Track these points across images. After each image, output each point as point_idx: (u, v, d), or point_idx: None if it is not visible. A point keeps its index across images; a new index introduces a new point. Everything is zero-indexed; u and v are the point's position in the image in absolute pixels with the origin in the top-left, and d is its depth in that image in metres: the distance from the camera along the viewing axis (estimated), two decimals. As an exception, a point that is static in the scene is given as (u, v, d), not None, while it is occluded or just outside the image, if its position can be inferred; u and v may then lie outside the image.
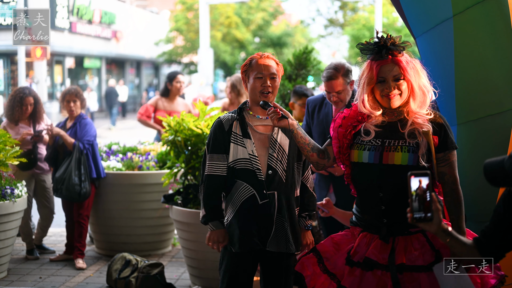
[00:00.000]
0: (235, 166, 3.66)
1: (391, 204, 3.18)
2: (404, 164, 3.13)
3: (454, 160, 3.19)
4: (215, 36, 34.27)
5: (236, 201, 3.67)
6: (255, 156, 3.64)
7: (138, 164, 6.86)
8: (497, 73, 3.70)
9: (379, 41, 3.18)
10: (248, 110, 3.76)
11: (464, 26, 3.71)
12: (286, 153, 3.69)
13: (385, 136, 3.21)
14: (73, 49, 30.64)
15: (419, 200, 2.66)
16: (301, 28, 42.81)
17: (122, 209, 6.77)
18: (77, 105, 6.51)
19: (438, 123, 3.19)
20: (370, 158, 3.20)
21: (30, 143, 6.57)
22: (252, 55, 3.79)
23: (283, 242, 3.67)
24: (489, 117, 3.70)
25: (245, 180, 3.64)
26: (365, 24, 36.89)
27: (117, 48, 35.60)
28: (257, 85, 3.66)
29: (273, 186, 3.64)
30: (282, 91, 7.26)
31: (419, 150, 3.13)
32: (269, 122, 3.70)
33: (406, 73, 3.17)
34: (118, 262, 5.78)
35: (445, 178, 3.17)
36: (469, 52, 3.75)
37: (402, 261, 3.11)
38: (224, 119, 3.73)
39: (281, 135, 3.70)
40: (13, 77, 26.08)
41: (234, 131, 3.69)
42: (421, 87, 3.18)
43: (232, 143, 3.67)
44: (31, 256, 6.70)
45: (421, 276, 3.07)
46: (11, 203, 5.83)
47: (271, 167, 3.64)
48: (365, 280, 3.16)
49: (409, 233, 3.17)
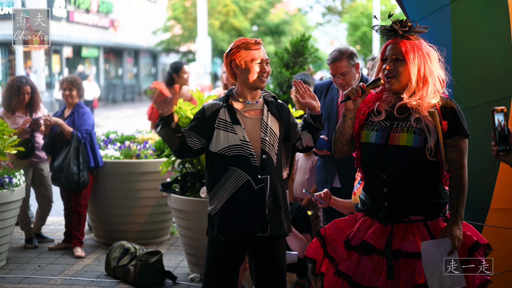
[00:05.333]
0: (227, 153, 3.63)
1: (393, 187, 3.19)
2: (409, 145, 3.14)
3: (463, 147, 3.18)
4: (213, 24, 34.14)
5: (229, 188, 3.64)
6: (247, 141, 3.62)
7: (136, 153, 6.86)
8: (494, 60, 3.70)
9: (394, 23, 3.23)
10: (237, 97, 3.73)
11: (462, 12, 3.71)
12: (277, 136, 3.68)
13: (395, 118, 3.23)
14: (71, 38, 30.55)
15: (499, 135, 2.74)
16: (299, 16, 42.66)
17: (120, 198, 6.77)
18: (73, 93, 6.50)
19: (449, 108, 3.19)
20: (377, 138, 3.22)
21: (28, 132, 6.56)
22: (239, 40, 3.73)
23: (277, 226, 3.68)
24: (487, 104, 3.70)
25: (239, 166, 3.62)
26: (363, 12, 36.76)
27: (114, 37, 35.50)
28: (255, 70, 3.64)
29: (266, 170, 3.63)
30: (279, 79, 7.25)
31: (427, 133, 3.13)
32: (258, 106, 3.70)
33: (407, 55, 3.18)
34: (117, 250, 5.80)
35: (453, 163, 3.16)
36: (466, 39, 3.75)
37: (399, 247, 3.12)
38: (207, 106, 3.71)
39: (271, 118, 3.69)
40: (10, 67, 26.01)
41: (221, 117, 3.65)
42: (426, 75, 3.18)
43: (221, 130, 3.64)
44: (30, 244, 6.71)
45: (416, 263, 3.07)
46: (9, 192, 5.83)
47: (264, 152, 3.63)
48: (362, 265, 3.17)
49: (410, 221, 3.18)
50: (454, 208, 3.14)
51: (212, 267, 3.72)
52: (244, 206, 3.64)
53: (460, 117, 3.19)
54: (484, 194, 3.73)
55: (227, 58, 3.72)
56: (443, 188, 3.28)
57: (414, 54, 3.18)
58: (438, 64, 3.25)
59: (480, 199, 3.76)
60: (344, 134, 3.35)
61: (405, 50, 3.19)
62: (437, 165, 3.20)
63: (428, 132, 3.13)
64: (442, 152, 3.16)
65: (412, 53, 3.18)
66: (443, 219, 3.23)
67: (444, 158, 3.17)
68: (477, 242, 3.14)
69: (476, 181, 3.76)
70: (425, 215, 3.19)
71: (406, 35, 3.23)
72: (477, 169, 3.75)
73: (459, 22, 3.72)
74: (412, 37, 3.24)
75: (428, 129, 3.14)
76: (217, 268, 3.71)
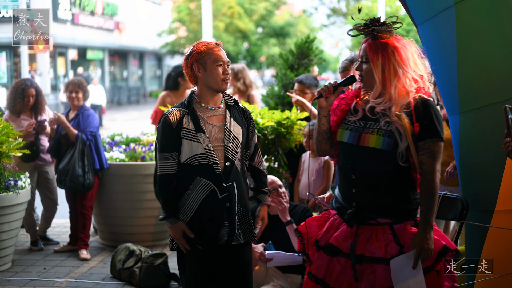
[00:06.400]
0: (192, 163, 3.56)
1: (361, 189, 3.14)
2: (378, 147, 3.08)
3: (435, 151, 3.07)
4: (218, 26, 34.16)
5: (196, 198, 3.56)
6: (211, 150, 3.53)
7: (141, 155, 6.87)
8: (499, 62, 3.68)
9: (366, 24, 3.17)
10: (199, 103, 3.64)
11: (466, 14, 3.69)
12: (240, 142, 3.62)
13: (369, 118, 3.17)
14: (76, 40, 30.60)
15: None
16: (304, 17, 42.67)
17: (126, 200, 6.78)
18: (79, 96, 6.51)
19: (423, 109, 3.09)
20: (349, 138, 3.17)
21: (33, 135, 6.58)
22: (199, 43, 3.66)
23: (247, 232, 3.65)
24: (492, 105, 3.68)
25: (203, 176, 3.54)
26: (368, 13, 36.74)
27: (119, 39, 35.56)
28: (219, 73, 3.56)
29: (231, 177, 3.57)
30: (284, 81, 7.25)
31: (397, 137, 3.05)
32: (221, 111, 3.63)
33: (370, 56, 3.12)
34: (122, 252, 5.80)
35: (423, 167, 3.07)
36: (471, 40, 3.73)
37: (362, 251, 3.08)
38: (171, 115, 3.59)
39: (234, 124, 3.62)
40: (16, 69, 26.06)
41: (185, 126, 3.56)
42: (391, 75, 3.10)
43: (186, 140, 3.55)
44: (35, 247, 6.72)
45: (378, 268, 3.03)
46: (14, 194, 5.85)
47: (228, 159, 3.56)
48: (330, 266, 3.16)
49: (377, 224, 3.12)
50: (423, 215, 3.04)
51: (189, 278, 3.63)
52: (213, 215, 3.56)
53: (434, 119, 3.09)
54: (489, 195, 3.71)
55: (188, 61, 3.62)
56: (415, 192, 3.20)
57: (378, 54, 3.11)
58: (414, 61, 3.15)
59: (485, 200, 3.75)
60: (320, 132, 3.31)
61: (368, 51, 3.14)
62: (409, 169, 3.11)
63: (398, 136, 3.06)
64: (414, 155, 3.07)
65: (376, 54, 3.12)
66: (412, 223, 3.16)
67: (416, 161, 3.08)
68: (446, 246, 3.08)
69: (481, 182, 3.75)
70: (393, 218, 3.12)
71: (377, 34, 3.15)
72: (482, 170, 3.74)
73: (464, 23, 3.71)
74: (385, 35, 3.15)
75: (399, 132, 3.06)
76: (193, 278, 3.62)
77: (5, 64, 25.61)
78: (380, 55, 3.10)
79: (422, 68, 3.18)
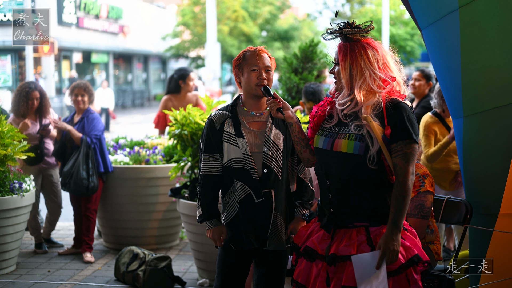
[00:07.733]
0: (231, 166, 3.61)
1: (337, 194, 3.15)
2: (350, 152, 3.07)
3: (408, 153, 3.03)
4: (222, 30, 34.21)
5: (234, 201, 3.63)
6: (249, 155, 3.57)
7: (145, 158, 6.88)
8: (503, 65, 3.68)
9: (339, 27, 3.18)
10: (242, 106, 3.69)
11: (470, 17, 3.70)
12: (281, 149, 3.62)
13: (343, 123, 3.17)
14: (81, 44, 30.68)
15: None
16: (308, 21, 42.69)
17: (130, 203, 6.79)
18: (85, 99, 6.52)
19: (394, 111, 3.06)
20: (324, 144, 3.17)
21: (37, 138, 6.59)
22: (244, 50, 3.73)
23: (280, 241, 3.65)
24: (496, 109, 3.69)
25: (241, 180, 3.59)
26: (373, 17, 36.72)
27: (124, 42, 35.63)
28: (253, 78, 3.59)
29: (269, 184, 3.59)
30: (288, 84, 7.26)
31: (368, 140, 3.04)
32: (263, 118, 3.65)
33: (339, 56, 3.14)
34: (126, 255, 5.81)
35: (396, 169, 3.05)
36: (475, 44, 3.74)
37: (334, 251, 3.07)
38: (215, 118, 3.66)
39: (275, 131, 3.63)
40: (21, 73, 26.14)
41: (226, 130, 3.62)
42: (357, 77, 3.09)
43: (226, 143, 3.62)
44: (40, 250, 6.73)
45: (350, 267, 3.02)
46: (19, 197, 5.86)
47: (266, 166, 3.58)
48: (311, 272, 3.16)
49: (354, 226, 3.11)
50: (391, 217, 3.02)
51: (219, 274, 3.71)
52: (248, 219, 3.61)
53: (406, 121, 3.05)
54: (493, 199, 3.71)
55: (234, 67, 3.72)
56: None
57: (346, 56, 3.11)
58: (385, 63, 3.13)
59: (489, 204, 3.75)
60: (297, 142, 3.36)
61: (338, 52, 3.15)
62: (384, 172, 3.10)
63: (369, 139, 3.04)
64: (387, 157, 3.05)
65: (345, 55, 3.11)
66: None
67: (390, 164, 3.06)
68: (418, 256, 3.05)
69: (485, 186, 3.75)
70: (369, 221, 3.10)
71: (348, 36, 3.15)
72: (486, 174, 3.74)
73: (468, 27, 3.72)
74: (355, 38, 3.14)
75: (369, 136, 3.05)
76: (223, 276, 3.69)
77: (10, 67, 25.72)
78: (348, 56, 3.11)
79: (395, 70, 3.16)
